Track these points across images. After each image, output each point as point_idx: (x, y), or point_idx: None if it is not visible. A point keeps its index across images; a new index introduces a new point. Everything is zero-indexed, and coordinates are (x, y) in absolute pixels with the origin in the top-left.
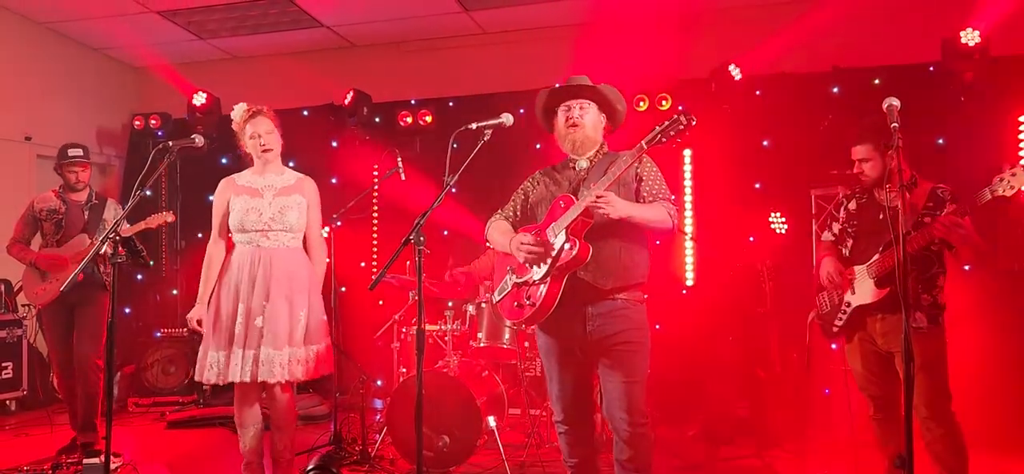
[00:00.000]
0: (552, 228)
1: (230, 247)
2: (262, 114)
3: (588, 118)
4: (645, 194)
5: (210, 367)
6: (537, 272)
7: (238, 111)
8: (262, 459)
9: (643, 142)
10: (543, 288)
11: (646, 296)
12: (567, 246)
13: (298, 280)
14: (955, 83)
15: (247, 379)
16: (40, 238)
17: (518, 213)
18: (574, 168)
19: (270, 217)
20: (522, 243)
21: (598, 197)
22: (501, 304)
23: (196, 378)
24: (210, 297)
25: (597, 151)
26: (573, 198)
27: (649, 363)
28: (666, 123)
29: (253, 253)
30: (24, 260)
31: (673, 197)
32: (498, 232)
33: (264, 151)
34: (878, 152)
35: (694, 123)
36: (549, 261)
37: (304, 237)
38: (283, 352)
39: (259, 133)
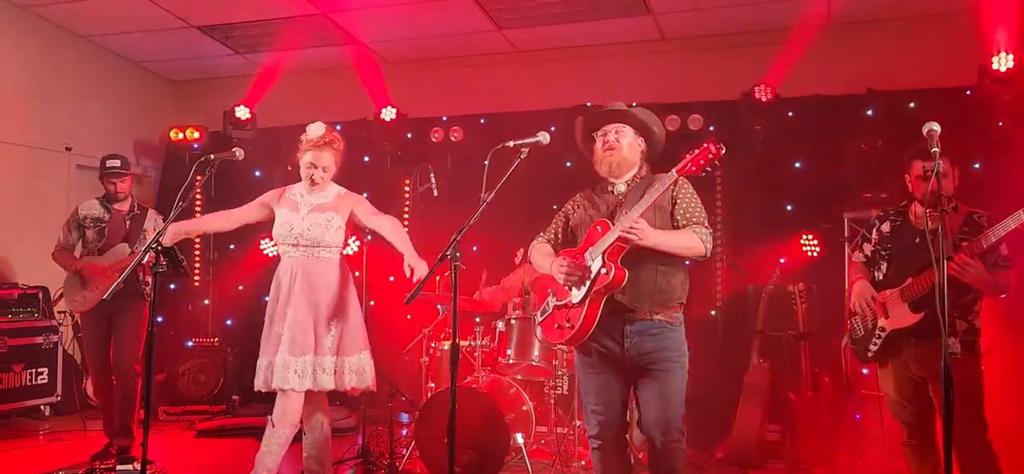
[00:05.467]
0: (590, 252)
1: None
2: (329, 148)
3: (624, 141)
4: (679, 218)
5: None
6: (576, 295)
7: (314, 130)
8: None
9: (674, 170)
10: (582, 311)
11: (682, 316)
12: (603, 270)
13: (328, 291)
14: (992, 107)
15: (261, 387)
16: (82, 245)
17: (559, 235)
18: (612, 192)
19: (299, 232)
20: (561, 267)
21: (631, 226)
22: (543, 325)
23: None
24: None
25: (635, 174)
26: (609, 224)
27: (686, 381)
28: (696, 152)
29: (286, 264)
30: (68, 267)
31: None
32: (540, 255)
33: (312, 184)
34: (953, 167)
35: (723, 152)
36: (587, 285)
37: (371, 229)
38: (302, 360)
39: (316, 165)
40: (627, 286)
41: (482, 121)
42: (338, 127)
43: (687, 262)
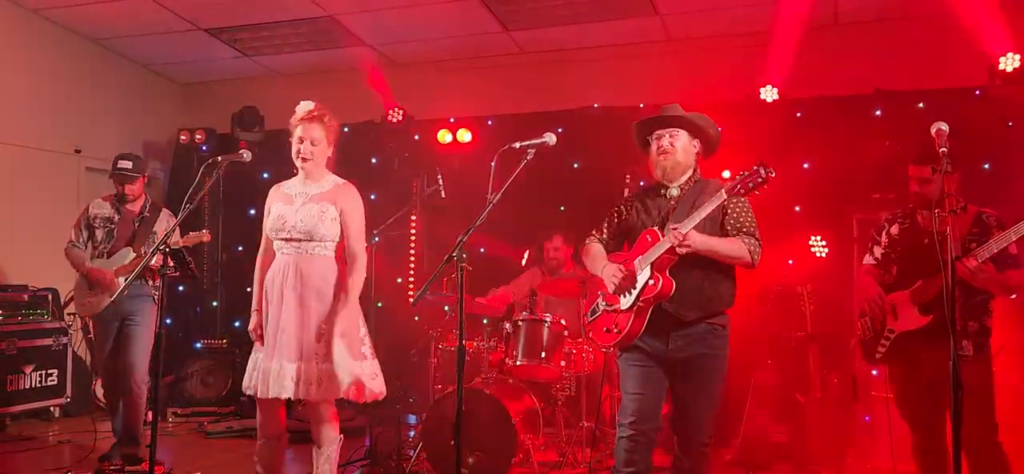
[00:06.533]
0: (639, 261)
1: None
2: (318, 122)
3: (678, 144)
4: (729, 227)
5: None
6: (625, 301)
7: (302, 107)
8: None
9: (723, 190)
10: (630, 317)
11: (729, 322)
12: (651, 282)
13: (318, 290)
14: (1002, 107)
15: (266, 394)
16: (91, 246)
17: (611, 234)
18: (665, 196)
19: (293, 224)
20: (611, 274)
21: (680, 242)
22: (593, 326)
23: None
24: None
25: (688, 178)
26: (659, 234)
27: (722, 387)
28: (746, 174)
29: (280, 260)
30: (78, 269)
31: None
32: (592, 257)
33: (302, 159)
34: (940, 173)
35: (773, 176)
36: (635, 293)
37: (341, 247)
38: (293, 365)
39: (304, 138)
40: (675, 295)
41: (489, 122)
42: (346, 129)
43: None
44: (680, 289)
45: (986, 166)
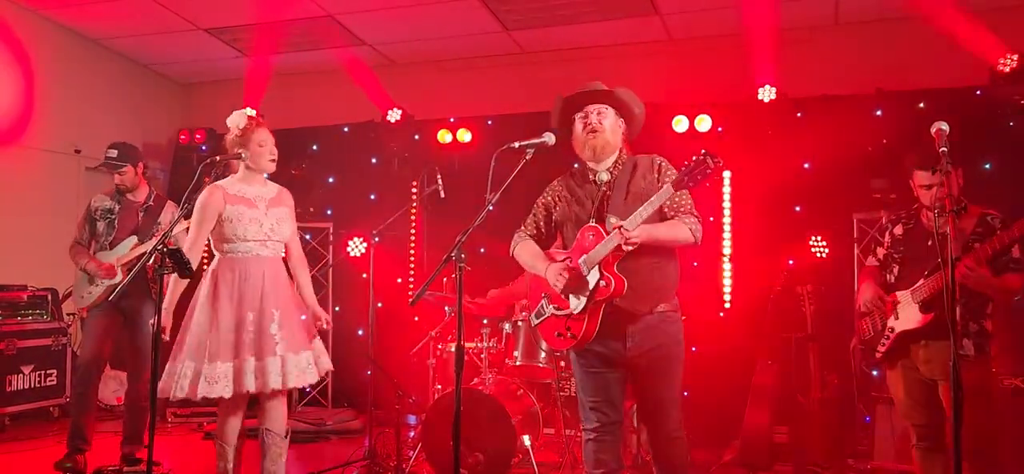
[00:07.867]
0: (584, 261)
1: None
2: (265, 125)
3: (606, 123)
4: (667, 209)
5: (179, 377)
6: (575, 304)
7: (241, 117)
8: None
9: (669, 184)
10: (583, 321)
11: (679, 305)
12: (602, 283)
13: (282, 286)
14: (1004, 107)
15: (252, 388)
16: (94, 239)
17: (541, 228)
18: (595, 181)
19: (269, 228)
20: (558, 275)
21: (627, 240)
22: (541, 329)
23: (159, 394)
24: (191, 306)
25: (616, 160)
26: (601, 231)
27: (683, 373)
28: (691, 165)
29: (241, 262)
30: (79, 264)
31: (700, 216)
32: (530, 255)
33: (273, 161)
34: (955, 169)
35: (720, 165)
36: (586, 296)
37: (288, 247)
38: (301, 356)
39: (265, 142)
40: (626, 291)
41: (489, 122)
42: (345, 128)
43: (695, 264)
44: (632, 286)
45: (987, 166)
